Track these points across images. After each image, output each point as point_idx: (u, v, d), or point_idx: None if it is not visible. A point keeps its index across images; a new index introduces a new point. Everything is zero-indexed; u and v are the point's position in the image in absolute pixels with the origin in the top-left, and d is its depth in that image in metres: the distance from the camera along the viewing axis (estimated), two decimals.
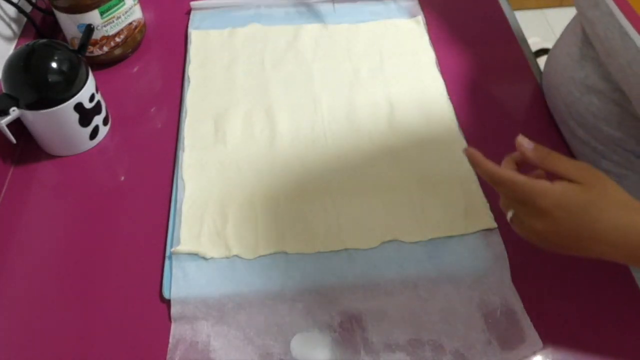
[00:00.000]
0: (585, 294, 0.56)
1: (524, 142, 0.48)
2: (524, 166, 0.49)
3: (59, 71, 0.62)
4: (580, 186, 0.45)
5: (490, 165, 0.48)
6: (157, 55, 0.80)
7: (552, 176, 0.47)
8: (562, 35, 0.72)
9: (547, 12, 2.08)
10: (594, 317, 0.55)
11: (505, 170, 0.47)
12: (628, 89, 0.55)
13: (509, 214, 0.49)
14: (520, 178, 0.46)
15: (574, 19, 0.69)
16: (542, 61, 0.77)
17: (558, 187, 0.45)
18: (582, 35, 0.63)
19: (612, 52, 0.55)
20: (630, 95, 0.55)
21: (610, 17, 0.55)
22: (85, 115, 0.65)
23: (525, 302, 0.55)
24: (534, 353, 0.52)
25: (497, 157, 0.68)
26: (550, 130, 0.70)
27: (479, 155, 0.49)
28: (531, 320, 0.54)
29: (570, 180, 0.46)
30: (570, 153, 0.68)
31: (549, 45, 1.63)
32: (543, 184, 0.45)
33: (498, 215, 0.61)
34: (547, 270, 0.58)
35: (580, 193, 0.45)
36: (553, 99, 0.70)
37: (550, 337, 0.53)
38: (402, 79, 0.75)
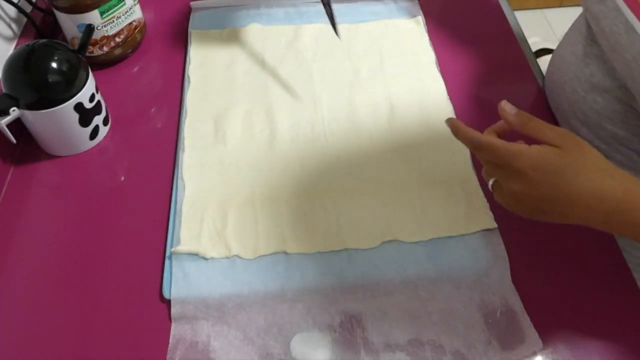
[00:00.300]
0: (585, 294, 0.56)
1: (506, 107, 0.49)
2: (506, 137, 0.50)
3: (59, 71, 0.62)
4: (558, 149, 0.46)
5: (470, 131, 0.49)
6: (157, 55, 0.80)
7: (533, 142, 0.47)
8: (566, 34, 0.72)
9: (547, 12, 2.08)
10: (594, 317, 0.55)
11: (485, 135, 0.49)
12: (633, 85, 0.55)
13: (490, 182, 0.50)
14: (498, 141, 0.47)
15: (579, 17, 0.69)
16: (542, 61, 0.77)
17: (535, 149, 0.46)
18: (586, 33, 0.63)
19: (618, 47, 0.55)
20: (635, 91, 0.55)
21: (616, 12, 0.55)
22: (85, 115, 0.65)
23: (525, 302, 0.55)
24: (534, 353, 0.52)
25: None
26: None
27: (459, 123, 0.50)
28: (531, 320, 0.54)
29: (550, 145, 0.46)
30: None
31: (549, 45, 1.63)
32: (520, 146, 0.46)
33: (498, 215, 0.61)
34: (547, 270, 0.58)
35: (557, 156, 0.45)
36: (556, 98, 0.70)
37: (550, 337, 0.53)
38: (402, 79, 0.75)
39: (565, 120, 0.68)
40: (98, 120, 0.68)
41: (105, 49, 0.75)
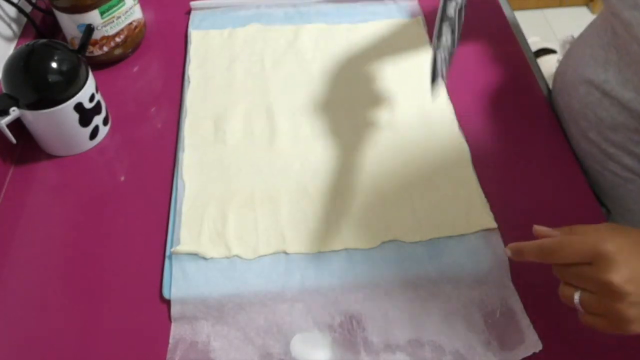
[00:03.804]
0: None
1: (542, 231, 0.47)
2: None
3: (59, 71, 0.62)
4: (616, 228, 0.43)
5: (535, 242, 0.46)
6: (157, 55, 0.80)
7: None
8: (583, 36, 0.70)
9: (547, 12, 2.08)
10: None
11: (551, 233, 0.45)
12: None
13: (576, 297, 0.44)
14: (576, 239, 0.43)
15: (599, 21, 0.67)
16: (542, 61, 0.77)
17: (602, 226, 0.43)
18: (609, 39, 0.62)
19: None
20: None
21: None
22: (85, 115, 0.65)
23: (525, 302, 0.55)
24: (534, 354, 0.52)
25: (498, 156, 0.68)
26: (550, 130, 0.70)
27: (520, 244, 0.47)
28: (531, 321, 0.54)
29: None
30: (572, 151, 0.68)
31: (549, 45, 1.63)
32: (585, 229, 0.43)
33: (498, 215, 0.61)
34: (547, 270, 0.58)
35: (623, 230, 0.42)
36: (566, 97, 0.69)
37: (550, 338, 0.53)
38: (402, 79, 0.75)
39: (574, 120, 0.67)
40: (98, 120, 0.68)
41: (105, 49, 0.75)
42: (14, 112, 0.61)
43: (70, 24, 0.72)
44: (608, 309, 0.41)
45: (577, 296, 0.43)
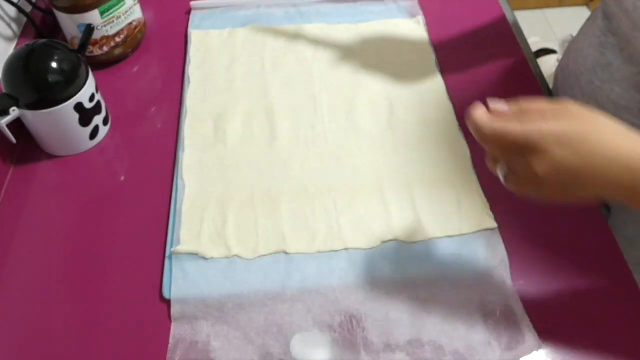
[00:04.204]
0: (585, 295, 0.56)
1: (497, 106, 0.48)
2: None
3: (59, 71, 0.62)
4: (573, 118, 0.43)
5: (478, 119, 0.47)
6: (157, 55, 0.80)
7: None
8: (581, 30, 0.71)
9: (547, 12, 2.08)
10: (593, 317, 0.55)
11: (496, 122, 0.46)
12: None
13: (502, 173, 0.47)
14: (512, 125, 0.44)
15: (594, 11, 0.68)
16: (542, 61, 0.77)
17: (554, 124, 0.43)
18: (602, 24, 0.63)
19: None
20: None
21: None
22: (85, 115, 0.65)
23: (525, 302, 0.55)
24: (533, 354, 0.52)
25: None
26: None
27: (473, 114, 0.48)
28: (531, 321, 0.54)
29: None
30: None
31: (549, 45, 1.63)
32: (537, 125, 0.43)
33: (498, 215, 0.61)
34: (547, 270, 0.58)
35: (575, 124, 0.43)
36: (569, 91, 0.69)
37: (550, 338, 0.53)
38: (402, 79, 0.75)
39: None
40: (98, 120, 0.68)
41: (105, 49, 0.75)
42: (14, 112, 0.61)
43: (70, 24, 0.72)
44: (527, 187, 0.45)
45: (503, 173, 0.47)
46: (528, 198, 0.47)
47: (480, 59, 0.80)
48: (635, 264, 0.60)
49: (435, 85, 0.75)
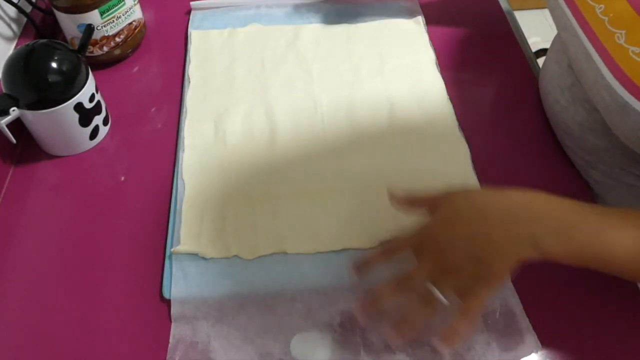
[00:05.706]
0: (585, 295, 0.56)
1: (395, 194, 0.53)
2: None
3: (59, 71, 0.62)
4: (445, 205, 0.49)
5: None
6: (157, 55, 0.80)
7: None
8: (552, 43, 0.72)
9: (547, 12, 2.07)
10: (593, 318, 0.55)
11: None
12: (599, 108, 0.55)
13: (435, 290, 0.48)
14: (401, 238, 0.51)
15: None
16: (542, 61, 0.77)
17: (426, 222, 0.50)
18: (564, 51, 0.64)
19: (581, 72, 0.56)
20: (602, 113, 0.55)
21: (577, 40, 0.55)
22: (85, 115, 0.65)
23: (525, 303, 0.55)
24: (533, 354, 0.52)
25: (498, 156, 0.68)
26: (549, 131, 0.70)
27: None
28: (530, 321, 0.54)
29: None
30: (567, 157, 0.68)
31: (548, 45, 1.63)
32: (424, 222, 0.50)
33: None
34: (547, 271, 0.58)
35: (450, 201, 0.49)
36: (545, 107, 0.71)
37: (549, 338, 0.53)
38: (402, 79, 0.75)
39: (555, 126, 0.68)
40: (98, 120, 0.68)
41: (105, 49, 0.75)
42: (14, 112, 0.61)
43: (70, 24, 0.72)
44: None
45: (437, 292, 0.48)
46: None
47: (480, 59, 0.80)
48: None
49: (435, 85, 0.75)
